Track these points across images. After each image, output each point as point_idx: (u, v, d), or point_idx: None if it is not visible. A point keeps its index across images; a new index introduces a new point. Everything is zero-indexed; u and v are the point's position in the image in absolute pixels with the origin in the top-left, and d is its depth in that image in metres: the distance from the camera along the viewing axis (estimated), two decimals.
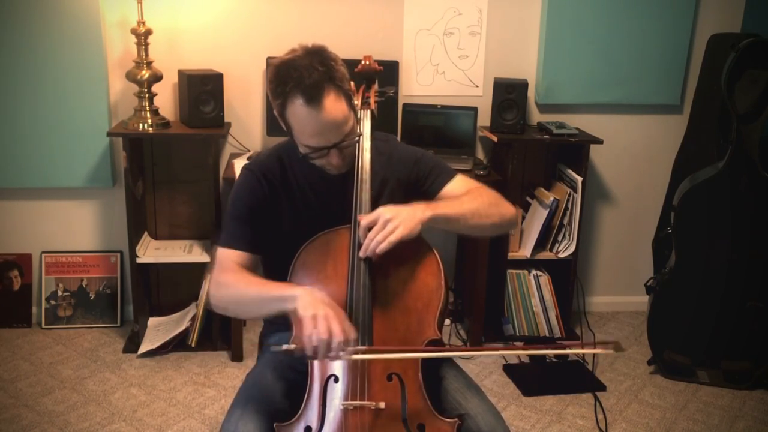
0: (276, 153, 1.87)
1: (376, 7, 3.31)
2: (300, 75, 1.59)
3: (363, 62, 1.92)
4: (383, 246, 1.59)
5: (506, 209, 1.83)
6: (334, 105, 1.61)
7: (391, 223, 1.61)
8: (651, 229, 3.65)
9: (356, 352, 1.54)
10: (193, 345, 3.23)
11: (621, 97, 3.50)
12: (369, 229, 1.62)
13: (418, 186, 1.84)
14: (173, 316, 3.39)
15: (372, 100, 1.87)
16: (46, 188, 3.33)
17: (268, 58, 3.17)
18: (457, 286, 3.60)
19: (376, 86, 1.93)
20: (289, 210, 1.82)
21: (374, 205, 1.72)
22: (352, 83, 1.72)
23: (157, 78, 3.07)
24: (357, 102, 1.77)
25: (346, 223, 1.74)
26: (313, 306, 1.52)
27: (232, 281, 1.70)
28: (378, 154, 1.84)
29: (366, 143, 1.79)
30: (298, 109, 1.61)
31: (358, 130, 1.75)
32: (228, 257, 1.76)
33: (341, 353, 1.51)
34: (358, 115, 1.78)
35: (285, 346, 1.54)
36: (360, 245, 1.64)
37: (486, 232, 1.85)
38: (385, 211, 1.63)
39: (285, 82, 1.61)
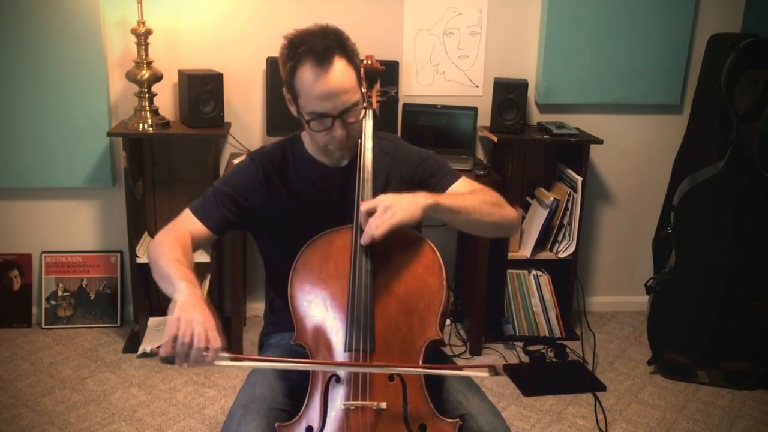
0: (281, 145, 1.88)
1: (376, 7, 3.31)
2: (313, 40, 1.65)
3: (365, 62, 1.91)
4: (381, 230, 1.59)
5: (508, 211, 1.84)
6: (343, 71, 1.65)
7: (391, 210, 1.61)
8: (651, 229, 3.65)
9: (219, 360, 1.48)
10: None
11: (621, 97, 3.50)
12: (370, 215, 1.63)
13: (423, 186, 1.84)
14: None
15: (374, 100, 1.87)
16: (46, 188, 3.32)
17: (268, 58, 3.18)
18: (457, 286, 3.60)
19: (378, 86, 1.93)
20: (287, 203, 1.83)
21: None
22: (362, 71, 1.74)
23: (157, 78, 3.07)
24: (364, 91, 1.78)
25: (348, 222, 1.74)
26: (182, 308, 1.47)
27: (168, 245, 1.69)
28: (382, 153, 1.85)
29: (368, 143, 1.79)
30: (307, 71, 1.64)
31: (364, 104, 1.76)
32: (187, 223, 1.79)
33: (200, 361, 1.45)
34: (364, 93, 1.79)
35: (145, 350, 1.51)
36: (362, 232, 1.64)
37: (486, 231, 1.86)
38: (385, 198, 1.64)
39: (297, 46, 1.66)
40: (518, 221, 1.88)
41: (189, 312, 1.46)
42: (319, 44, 1.64)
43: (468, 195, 1.80)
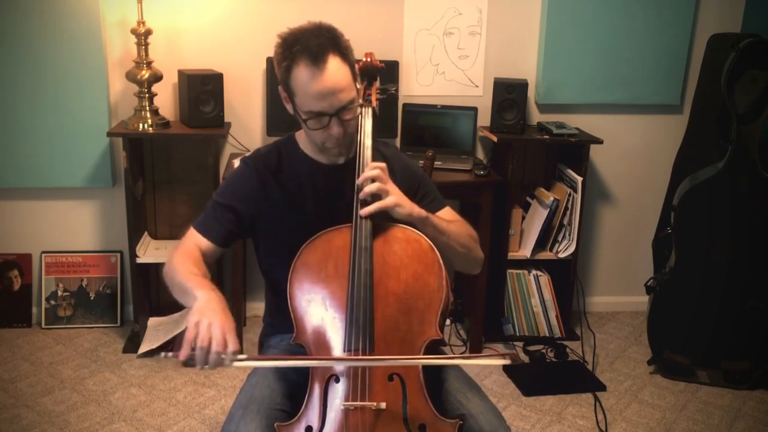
0: (276, 146, 1.89)
1: (376, 7, 3.31)
2: (307, 38, 1.67)
3: (365, 59, 1.91)
4: (370, 209, 1.67)
5: (479, 250, 1.92)
6: (338, 69, 1.67)
7: (387, 187, 1.69)
8: (651, 229, 3.65)
9: (238, 362, 1.49)
10: None
11: (621, 97, 3.50)
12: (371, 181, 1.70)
13: (415, 202, 1.85)
14: (173, 316, 3.38)
15: (374, 98, 1.87)
16: (46, 188, 3.32)
17: (268, 58, 3.18)
18: (457, 286, 3.60)
19: (377, 83, 1.92)
20: (284, 204, 1.83)
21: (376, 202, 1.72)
22: (361, 68, 1.75)
23: (157, 78, 3.07)
24: (360, 87, 1.78)
25: (346, 219, 1.74)
26: (200, 312, 1.50)
27: (179, 262, 1.72)
28: (381, 155, 1.85)
29: (367, 141, 1.78)
30: (302, 71, 1.66)
31: (360, 101, 1.77)
32: (194, 239, 1.80)
33: (219, 364, 1.47)
34: (359, 85, 1.80)
35: (166, 354, 1.51)
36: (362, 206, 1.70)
37: (456, 260, 1.88)
38: (393, 188, 1.70)
39: (291, 45, 1.68)
40: (482, 265, 1.97)
41: (206, 316, 1.50)
42: (313, 43, 1.66)
43: (453, 222, 1.87)
